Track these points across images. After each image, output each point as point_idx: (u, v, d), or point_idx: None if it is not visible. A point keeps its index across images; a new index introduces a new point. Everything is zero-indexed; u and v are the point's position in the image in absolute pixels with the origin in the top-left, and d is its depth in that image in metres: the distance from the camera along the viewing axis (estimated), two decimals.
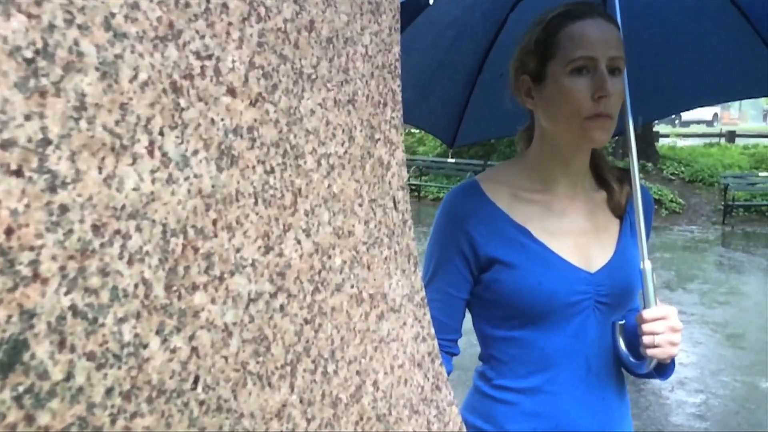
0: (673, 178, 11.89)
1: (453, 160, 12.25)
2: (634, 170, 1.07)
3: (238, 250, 0.42)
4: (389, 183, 0.64)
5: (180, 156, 0.38)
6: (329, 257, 0.53)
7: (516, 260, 1.05)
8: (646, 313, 0.99)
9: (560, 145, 1.07)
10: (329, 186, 0.54)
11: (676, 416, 3.82)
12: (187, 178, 0.38)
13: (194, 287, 0.38)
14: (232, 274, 0.42)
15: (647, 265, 1.02)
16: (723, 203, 10.61)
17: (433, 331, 0.72)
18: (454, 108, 1.50)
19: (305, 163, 0.50)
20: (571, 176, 1.10)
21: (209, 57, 0.40)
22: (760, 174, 11.22)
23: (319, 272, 0.52)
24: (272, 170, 0.46)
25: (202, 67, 0.39)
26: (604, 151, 1.18)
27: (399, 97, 0.66)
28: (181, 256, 0.37)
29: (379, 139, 0.62)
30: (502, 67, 1.19)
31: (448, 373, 1.16)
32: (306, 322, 0.50)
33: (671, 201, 10.90)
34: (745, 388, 4.17)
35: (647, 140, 11.86)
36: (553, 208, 1.09)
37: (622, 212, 1.13)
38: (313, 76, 0.51)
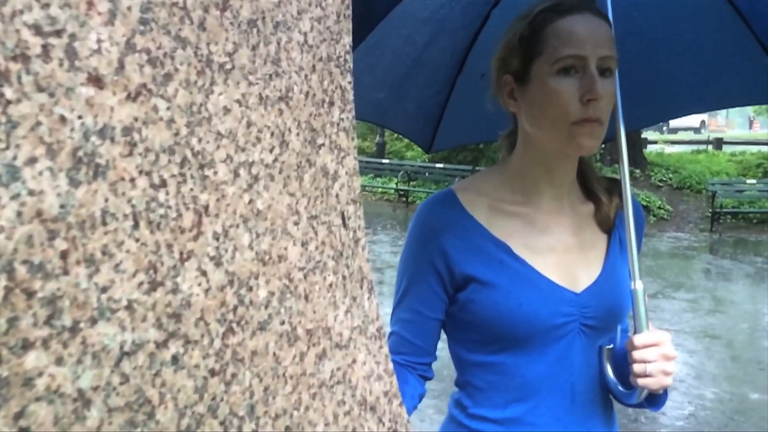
0: (661, 184, 11.88)
1: (441, 166, 12.16)
2: (625, 181, 0.97)
3: (104, 290, 0.32)
4: (336, 196, 0.54)
5: (4, 167, 0.27)
6: (249, 289, 0.43)
7: (494, 279, 0.95)
8: (637, 339, 0.89)
9: (545, 153, 0.98)
10: (251, 201, 0.43)
11: (665, 428, 3.74)
12: (16, 197, 0.28)
13: (26, 345, 0.28)
14: (93, 322, 0.31)
15: (639, 285, 0.92)
16: (711, 210, 10.59)
17: (391, 366, 0.62)
18: (432, 110, 1.39)
19: (215, 173, 0.40)
20: (556, 187, 1.00)
21: (57, 33, 0.29)
22: (748, 181, 11.23)
23: (234, 309, 0.42)
24: (163, 183, 0.36)
25: (44, 47, 0.29)
26: (592, 157, 1.08)
27: (350, 96, 0.56)
28: (2, 305, 0.27)
29: (322, 145, 0.52)
30: (483, 66, 1.09)
31: (421, 397, 1.06)
32: (213, 373, 0.40)
33: (659, 208, 10.88)
34: (735, 399, 4.09)
35: (635, 146, 11.85)
36: (535, 222, 0.99)
37: (610, 227, 1.03)
38: (228, 66, 0.41)
